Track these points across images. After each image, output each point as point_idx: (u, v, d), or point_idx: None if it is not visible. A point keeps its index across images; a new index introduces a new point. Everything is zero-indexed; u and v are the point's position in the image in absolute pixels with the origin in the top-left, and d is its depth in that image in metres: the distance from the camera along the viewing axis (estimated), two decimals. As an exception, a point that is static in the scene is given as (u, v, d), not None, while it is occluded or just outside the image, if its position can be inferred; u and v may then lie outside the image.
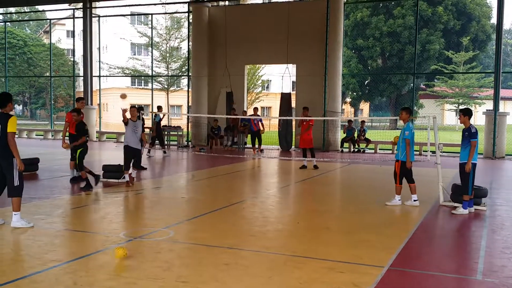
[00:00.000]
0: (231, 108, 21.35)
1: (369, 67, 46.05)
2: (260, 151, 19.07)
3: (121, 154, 13.16)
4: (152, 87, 29.58)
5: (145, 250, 5.96)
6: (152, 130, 17.86)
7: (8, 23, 39.35)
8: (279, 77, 23.58)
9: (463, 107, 40.62)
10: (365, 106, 55.61)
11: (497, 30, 19.64)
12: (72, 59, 36.47)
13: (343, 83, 22.62)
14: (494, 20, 41.42)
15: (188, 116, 23.92)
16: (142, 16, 41.61)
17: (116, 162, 12.61)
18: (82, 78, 26.64)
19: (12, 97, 7.18)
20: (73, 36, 29.15)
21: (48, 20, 41.37)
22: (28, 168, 12.26)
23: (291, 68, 22.30)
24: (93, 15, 26.23)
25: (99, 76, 28.92)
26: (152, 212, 8.50)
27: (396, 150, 9.24)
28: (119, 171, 11.36)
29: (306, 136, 13.94)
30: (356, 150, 20.88)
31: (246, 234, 6.91)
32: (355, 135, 21.08)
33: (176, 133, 22.34)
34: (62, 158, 10.50)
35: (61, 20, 45.64)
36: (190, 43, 24.11)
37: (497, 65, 18.95)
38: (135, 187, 10.74)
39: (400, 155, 9.00)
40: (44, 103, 57.50)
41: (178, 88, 39.90)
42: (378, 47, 42.81)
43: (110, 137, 26.75)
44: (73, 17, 28.43)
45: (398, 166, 9.01)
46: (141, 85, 46.95)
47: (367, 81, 47.64)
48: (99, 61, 28.82)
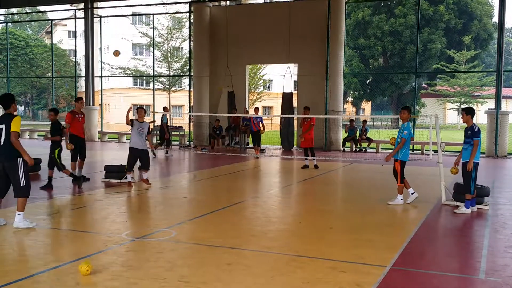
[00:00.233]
0: (233, 108, 21.35)
1: (371, 66, 46.01)
2: (260, 151, 19.06)
3: (123, 155, 13.20)
4: (153, 87, 29.64)
5: (147, 250, 5.96)
6: (165, 132, 17.84)
7: (10, 24, 39.37)
8: (280, 76, 23.55)
9: (465, 106, 40.58)
10: (366, 106, 55.55)
11: (499, 29, 19.60)
12: (73, 59, 36.49)
13: (344, 83, 22.59)
14: (495, 19, 41.39)
15: (189, 116, 23.92)
16: (144, 16, 41.67)
17: (118, 163, 12.63)
18: (83, 78, 26.66)
19: (15, 98, 7.18)
20: (75, 37, 29.17)
21: (50, 21, 41.40)
22: (29, 168, 12.31)
23: (293, 68, 22.29)
24: (94, 16, 26.25)
25: (101, 77, 28.95)
26: (154, 212, 8.51)
27: None
28: (121, 171, 11.37)
29: (307, 135, 13.95)
30: (358, 149, 20.86)
31: (248, 234, 6.90)
32: (357, 134, 21.07)
33: (178, 133, 22.36)
34: (63, 158, 10.50)
35: (62, 20, 45.63)
36: (192, 43, 24.12)
37: (499, 63, 18.92)
38: (136, 187, 10.74)
39: (399, 155, 9.00)
40: (46, 104, 57.56)
41: (180, 88, 39.94)
42: (380, 46, 42.76)
43: (112, 138, 26.76)
44: (75, 18, 28.46)
45: (398, 165, 9.00)
46: (143, 85, 47.00)
47: (368, 81, 47.59)
48: (100, 61, 28.84)
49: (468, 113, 8.52)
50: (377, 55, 44.51)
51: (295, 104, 22.08)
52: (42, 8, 54.78)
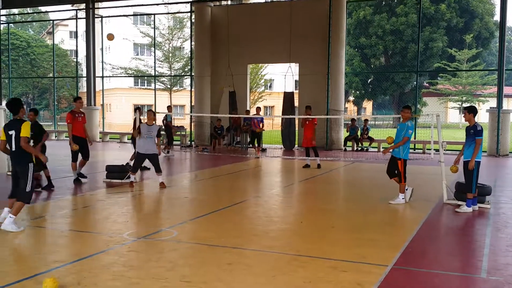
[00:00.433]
0: (233, 108, 21.34)
1: (372, 66, 45.96)
2: (261, 150, 19.06)
3: (124, 155, 13.23)
4: (155, 87, 29.65)
5: (148, 250, 5.96)
6: (171, 132, 17.84)
7: (11, 24, 39.40)
8: (281, 76, 23.54)
9: (466, 105, 40.54)
10: (368, 105, 55.49)
11: (500, 27, 19.56)
12: (75, 59, 36.53)
13: (346, 82, 22.60)
14: (497, 17, 41.33)
15: (191, 116, 23.93)
16: (145, 16, 41.69)
17: (119, 163, 12.64)
18: (85, 78, 26.69)
19: (22, 102, 7.25)
20: (76, 37, 29.21)
21: (51, 21, 41.41)
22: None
23: (294, 67, 22.28)
24: (95, 16, 26.26)
25: (102, 77, 28.98)
26: (156, 212, 8.51)
27: (398, 148, 9.14)
28: (122, 171, 11.37)
29: (308, 135, 13.94)
30: (359, 148, 20.84)
31: (249, 234, 6.90)
32: (358, 133, 21.05)
33: (179, 133, 22.36)
34: (65, 159, 10.51)
35: (64, 21, 45.67)
36: (193, 43, 24.12)
37: (501, 62, 18.89)
38: (138, 187, 10.75)
39: (402, 153, 8.98)
40: (48, 104, 57.61)
41: (181, 88, 39.95)
42: (381, 45, 42.72)
43: (113, 138, 26.78)
44: (76, 18, 28.51)
45: (401, 164, 8.99)
46: (144, 85, 47.04)
47: (370, 80, 47.53)
48: (102, 61, 28.87)
49: (471, 111, 8.50)
50: (379, 54, 44.45)
51: (296, 103, 22.06)
52: (43, 8, 54.84)
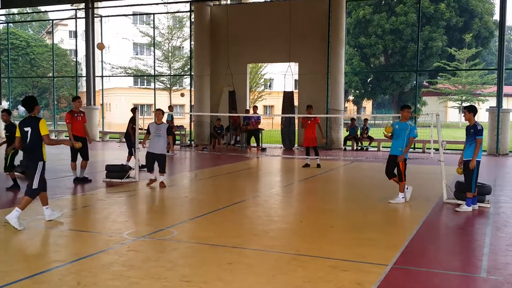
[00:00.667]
0: (232, 108, 21.33)
1: (372, 65, 45.93)
2: (260, 150, 19.06)
3: (124, 154, 13.25)
4: (154, 86, 29.63)
5: (148, 250, 5.96)
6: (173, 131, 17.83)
7: (11, 24, 39.36)
8: (281, 75, 23.54)
9: (466, 104, 40.56)
10: (368, 104, 55.47)
11: (500, 27, 19.57)
12: (74, 59, 36.55)
13: (345, 81, 22.57)
14: (496, 17, 41.29)
15: (190, 115, 23.94)
16: (144, 15, 41.69)
17: (119, 162, 12.64)
18: (84, 78, 26.67)
19: (36, 100, 7.41)
20: (76, 37, 29.21)
21: (51, 21, 41.39)
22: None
23: (294, 67, 22.28)
24: (95, 15, 26.24)
25: (102, 76, 28.97)
26: (156, 211, 8.51)
27: (400, 148, 9.12)
28: (122, 171, 11.38)
29: (311, 134, 13.94)
30: (359, 148, 20.84)
31: (249, 233, 6.90)
32: (358, 133, 21.06)
33: (179, 132, 22.36)
34: (64, 158, 10.51)
35: (63, 20, 45.63)
36: (192, 42, 24.11)
37: (500, 61, 18.90)
38: (139, 186, 10.75)
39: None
40: (47, 104, 57.59)
41: (181, 88, 39.95)
42: (381, 44, 42.69)
43: (113, 137, 26.77)
44: (75, 18, 28.49)
45: (402, 163, 8.98)
46: (144, 85, 47.04)
47: (369, 79, 47.51)
48: (101, 61, 28.85)
49: (471, 111, 8.48)
50: (378, 54, 44.42)
51: (296, 103, 22.07)
52: (43, 8, 54.81)
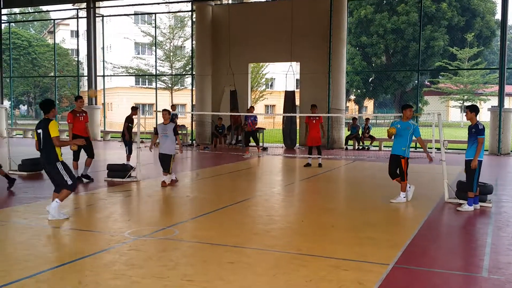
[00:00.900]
0: (232, 108, 21.32)
1: (373, 64, 45.91)
2: (262, 149, 19.03)
3: (125, 153, 13.25)
4: (156, 86, 29.63)
5: (150, 249, 5.96)
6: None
7: (13, 23, 39.41)
8: (283, 75, 23.54)
9: (468, 103, 40.48)
10: (369, 104, 55.42)
11: (502, 26, 19.54)
12: (76, 59, 36.58)
13: (347, 81, 22.58)
14: (498, 16, 41.20)
15: (192, 114, 23.95)
16: (146, 15, 41.66)
17: (121, 162, 12.66)
18: (86, 78, 26.71)
19: (55, 103, 7.47)
20: (77, 36, 29.21)
21: (52, 21, 41.47)
22: (32, 168, 12.37)
23: (295, 66, 22.27)
24: (96, 15, 26.27)
25: (103, 76, 29.00)
26: (157, 210, 8.51)
27: (402, 147, 9.09)
28: (123, 170, 11.40)
29: (315, 134, 13.95)
30: (360, 147, 20.83)
31: (250, 233, 6.90)
32: (360, 132, 21.04)
33: (180, 132, 22.37)
34: (66, 158, 10.50)
35: (65, 20, 45.72)
36: (194, 42, 24.12)
37: (502, 61, 18.87)
38: (141, 185, 10.76)
39: (407, 152, 8.98)
40: (49, 103, 57.66)
41: (182, 87, 39.97)
42: (382, 44, 42.67)
43: (115, 137, 26.78)
44: (77, 17, 28.53)
45: (404, 162, 8.98)
46: (145, 84, 47.06)
47: (371, 78, 47.49)
48: (103, 60, 28.90)
49: (472, 110, 8.46)
50: (380, 53, 44.40)
51: (297, 102, 22.06)
52: (44, 8, 54.82)
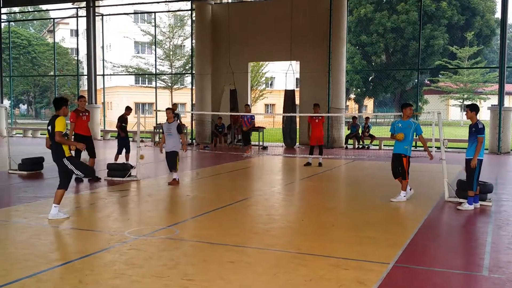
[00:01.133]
0: (233, 107, 21.31)
1: (373, 63, 45.92)
2: (263, 148, 18.94)
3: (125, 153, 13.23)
4: (156, 85, 29.62)
5: (150, 248, 5.96)
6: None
7: (12, 22, 39.40)
8: (282, 74, 23.52)
9: (468, 102, 40.47)
10: (369, 102, 55.42)
11: (502, 25, 19.53)
12: (76, 58, 36.57)
13: (347, 80, 22.59)
14: (498, 15, 41.23)
15: (192, 114, 23.94)
16: (145, 14, 41.65)
17: (121, 161, 12.65)
18: (86, 77, 26.70)
19: (67, 101, 7.43)
20: (77, 35, 29.17)
21: (52, 20, 41.40)
22: (32, 167, 12.38)
23: (295, 65, 22.25)
24: (96, 14, 26.26)
25: (103, 75, 29.00)
26: (157, 210, 8.51)
27: (405, 146, 9.08)
28: (123, 169, 11.39)
29: (318, 133, 13.95)
30: (360, 146, 20.83)
31: (251, 232, 6.90)
32: (360, 131, 21.03)
33: (184, 131, 22.37)
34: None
35: (64, 19, 45.70)
36: (193, 41, 24.11)
37: (502, 59, 18.87)
38: (141, 184, 10.76)
39: (409, 151, 8.99)
40: (49, 102, 57.63)
41: (182, 86, 39.95)
42: (382, 43, 42.67)
43: (115, 136, 26.75)
44: (77, 16, 28.50)
45: (406, 161, 8.98)
46: (145, 84, 47.03)
47: (371, 77, 47.49)
48: (103, 59, 28.88)
49: (473, 109, 8.46)
50: (380, 52, 44.40)
51: (297, 101, 22.05)
52: (44, 7, 54.73)
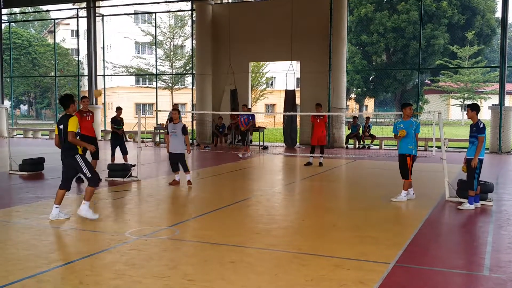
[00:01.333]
0: (233, 107, 21.32)
1: (374, 63, 45.90)
2: (263, 148, 18.89)
3: (128, 153, 13.26)
4: (156, 85, 29.62)
5: (150, 249, 5.96)
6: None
7: (13, 23, 39.39)
8: (283, 74, 23.53)
9: (468, 102, 40.45)
10: (369, 102, 55.38)
11: (502, 24, 19.52)
12: (76, 58, 36.60)
13: (347, 79, 22.59)
14: (499, 14, 41.19)
15: (192, 114, 23.95)
16: (146, 14, 41.67)
17: (121, 161, 12.65)
18: (86, 77, 26.70)
19: (74, 98, 7.48)
20: (77, 36, 29.21)
21: (52, 20, 41.46)
22: (33, 167, 12.38)
23: (295, 65, 22.25)
24: (97, 15, 26.26)
25: (104, 75, 29.00)
26: (157, 210, 8.51)
27: (409, 145, 9.07)
28: (124, 170, 11.40)
29: (320, 133, 13.95)
30: (361, 146, 20.82)
31: (251, 232, 6.90)
32: (360, 131, 21.03)
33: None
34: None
35: (65, 19, 45.71)
36: (194, 41, 24.11)
37: (502, 59, 18.86)
38: (141, 185, 10.76)
39: (414, 150, 8.99)
40: (49, 103, 57.67)
41: (183, 87, 39.96)
42: (383, 42, 42.65)
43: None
44: (77, 17, 28.51)
45: (410, 160, 8.97)
46: (146, 84, 47.06)
47: (371, 77, 47.47)
48: (103, 60, 28.89)
49: (473, 109, 8.44)
50: (380, 52, 44.38)
51: (298, 101, 22.05)
52: (44, 7, 54.81)
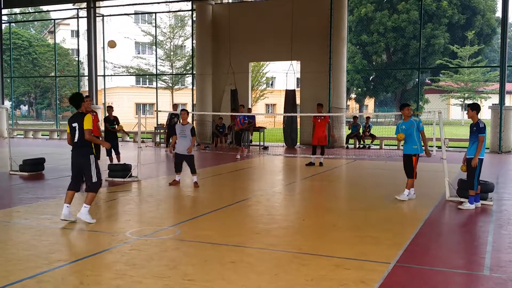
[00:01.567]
0: (233, 107, 21.32)
1: (374, 63, 45.92)
2: (263, 148, 18.88)
3: (126, 153, 13.25)
4: (156, 85, 29.63)
5: (151, 249, 5.96)
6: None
7: (13, 24, 39.41)
8: (283, 74, 23.53)
9: (468, 101, 40.46)
10: (370, 102, 55.40)
11: (502, 24, 19.53)
12: (76, 58, 36.63)
13: (347, 79, 22.59)
14: (499, 14, 41.20)
15: (192, 114, 23.94)
16: (146, 15, 41.67)
17: (121, 161, 12.66)
18: (87, 77, 26.72)
19: (83, 97, 7.45)
20: (78, 36, 29.23)
21: (53, 20, 41.49)
22: (34, 168, 12.38)
23: (296, 65, 22.25)
24: (97, 15, 26.28)
25: (104, 76, 29.01)
26: (158, 210, 8.51)
27: (414, 145, 9.07)
28: (124, 170, 11.40)
29: (320, 133, 13.94)
30: (361, 146, 20.82)
31: (251, 232, 6.90)
32: (360, 131, 21.03)
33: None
34: (67, 157, 10.49)
35: (65, 20, 45.74)
36: (194, 41, 24.11)
37: (503, 59, 18.86)
38: (142, 185, 10.77)
39: (419, 149, 8.99)
40: (50, 103, 57.68)
41: (183, 87, 39.97)
42: (383, 42, 42.68)
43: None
44: (77, 17, 28.53)
45: (415, 159, 8.98)
46: (146, 84, 47.08)
47: (371, 77, 47.48)
48: (103, 60, 28.90)
49: (474, 109, 8.44)
50: (380, 51, 44.39)
51: (298, 101, 22.06)
52: (44, 7, 54.86)
